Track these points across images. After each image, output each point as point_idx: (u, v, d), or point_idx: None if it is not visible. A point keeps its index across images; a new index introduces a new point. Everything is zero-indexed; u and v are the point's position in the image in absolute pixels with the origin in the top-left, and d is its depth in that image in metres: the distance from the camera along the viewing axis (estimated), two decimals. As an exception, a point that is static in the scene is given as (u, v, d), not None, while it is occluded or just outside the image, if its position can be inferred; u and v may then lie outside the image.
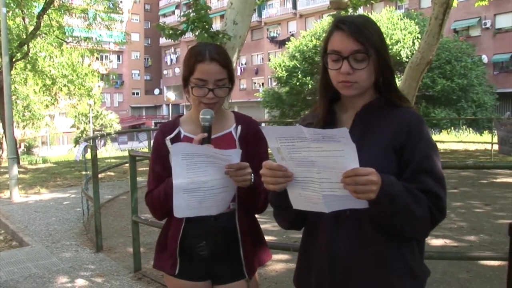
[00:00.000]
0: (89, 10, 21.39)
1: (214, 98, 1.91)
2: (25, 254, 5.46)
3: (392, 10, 32.81)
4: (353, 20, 1.54)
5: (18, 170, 9.30)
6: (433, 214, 1.44)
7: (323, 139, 1.29)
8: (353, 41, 1.50)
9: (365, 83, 1.55)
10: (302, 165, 1.36)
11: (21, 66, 19.53)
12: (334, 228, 1.54)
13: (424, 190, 1.44)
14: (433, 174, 1.47)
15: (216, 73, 1.90)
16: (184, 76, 1.95)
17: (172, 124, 2.06)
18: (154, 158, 2.04)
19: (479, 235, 5.72)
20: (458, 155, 14.12)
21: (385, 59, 1.55)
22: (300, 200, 1.43)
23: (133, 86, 64.93)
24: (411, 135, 1.50)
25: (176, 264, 2.03)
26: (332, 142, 1.28)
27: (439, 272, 4.43)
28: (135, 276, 4.59)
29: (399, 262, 1.51)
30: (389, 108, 1.57)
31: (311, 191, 1.38)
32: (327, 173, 1.33)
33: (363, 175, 1.29)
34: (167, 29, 10.17)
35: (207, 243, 1.98)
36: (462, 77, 28.69)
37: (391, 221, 1.42)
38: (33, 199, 8.79)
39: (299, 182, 1.40)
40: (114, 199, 8.56)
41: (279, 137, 1.36)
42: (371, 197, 1.32)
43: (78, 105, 27.00)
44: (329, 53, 1.54)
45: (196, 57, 1.90)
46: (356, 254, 1.51)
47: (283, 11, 49.60)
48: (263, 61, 51.05)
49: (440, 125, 25.47)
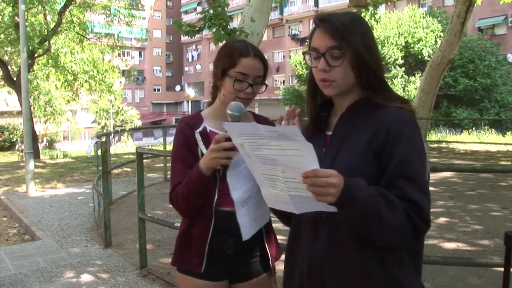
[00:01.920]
0: (111, 6, 21.60)
1: (252, 94, 1.94)
2: (36, 248, 5.51)
3: (415, 8, 32.46)
4: (332, 17, 1.50)
5: (36, 165, 9.44)
6: (414, 224, 1.33)
7: (279, 137, 1.25)
8: (329, 38, 1.47)
9: (343, 81, 1.49)
10: (267, 162, 1.32)
11: (43, 61, 19.82)
12: (313, 232, 1.49)
13: (401, 197, 1.33)
14: (412, 180, 1.36)
15: (258, 70, 1.94)
16: (223, 68, 1.93)
17: (196, 118, 2.03)
18: (181, 149, 1.97)
19: (494, 239, 5.57)
20: (478, 156, 13.85)
21: (364, 58, 1.46)
22: (271, 198, 1.40)
23: (155, 83, 65.36)
24: (389, 136, 1.40)
25: (202, 263, 1.95)
26: (289, 140, 1.23)
27: (449, 277, 4.33)
28: (140, 273, 4.59)
29: (380, 274, 1.41)
30: (375, 108, 1.48)
31: (279, 190, 1.34)
32: (291, 172, 1.27)
33: (322, 177, 1.23)
34: (185, 26, 10.21)
35: (234, 241, 1.94)
36: (485, 77, 28.19)
37: (358, 226, 1.35)
38: (49, 193, 8.89)
39: (267, 179, 1.36)
40: (128, 195, 8.58)
41: (240, 133, 1.34)
42: (330, 200, 1.26)
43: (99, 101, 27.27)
44: (310, 50, 1.52)
45: (240, 51, 1.92)
46: (331, 261, 1.45)
47: (304, 9, 49.42)
48: (284, 59, 50.95)
49: (462, 125, 25.07)
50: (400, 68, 30.15)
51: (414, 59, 30.61)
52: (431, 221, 1.40)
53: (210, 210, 1.93)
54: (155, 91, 65.52)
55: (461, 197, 8.01)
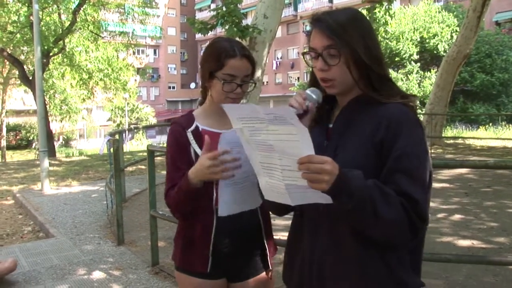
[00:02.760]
0: (125, 4, 21.71)
1: (241, 93, 1.94)
2: (49, 246, 5.55)
3: (430, 3, 32.11)
4: (328, 16, 1.50)
5: (52, 163, 9.51)
6: (411, 219, 1.30)
7: (275, 119, 1.24)
8: (324, 37, 1.46)
9: (343, 80, 1.48)
10: (264, 149, 1.31)
11: (58, 60, 20.00)
12: (314, 226, 1.48)
13: (398, 192, 1.31)
14: (410, 175, 1.34)
15: (245, 69, 1.93)
16: (211, 70, 1.93)
17: (188, 118, 2.04)
18: (173, 151, 1.99)
19: (510, 236, 5.48)
20: (495, 152, 13.66)
21: (360, 56, 1.44)
22: (267, 189, 1.38)
23: (170, 80, 65.59)
24: (389, 131, 1.39)
25: (207, 263, 1.95)
26: (286, 125, 1.23)
27: (463, 275, 4.27)
28: (152, 271, 4.60)
29: (379, 270, 1.40)
30: (375, 104, 1.47)
31: (275, 180, 1.32)
32: (287, 160, 1.26)
33: (317, 163, 1.22)
34: (197, 23, 10.21)
35: (230, 240, 1.95)
36: (503, 71, 27.83)
37: (353, 218, 1.33)
38: (63, 191, 8.97)
39: (264, 168, 1.35)
40: (141, 192, 8.60)
41: (240, 117, 1.32)
42: (324, 187, 1.23)
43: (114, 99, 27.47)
44: (308, 51, 1.52)
45: (226, 52, 1.90)
46: (332, 258, 1.44)
47: (319, 5, 49.13)
48: (298, 55, 50.74)
49: (478, 121, 24.78)
50: (415, 64, 29.88)
51: (429, 55, 30.31)
52: (429, 218, 1.38)
53: (211, 210, 1.93)
54: (170, 89, 65.74)
55: (477, 193, 7.90)
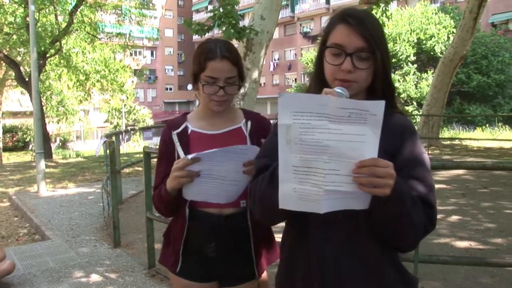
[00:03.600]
0: (122, 6, 21.68)
1: (225, 96, 1.90)
2: (45, 248, 5.51)
3: (427, 4, 32.23)
4: (360, 15, 1.43)
5: (48, 165, 9.47)
6: (426, 224, 1.37)
7: (348, 118, 1.17)
8: (359, 37, 1.39)
9: (363, 84, 1.45)
10: (310, 151, 1.21)
11: (55, 62, 19.96)
12: (324, 230, 1.42)
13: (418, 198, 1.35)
14: (425, 182, 1.39)
15: (227, 71, 1.88)
16: (194, 73, 1.92)
17: (179, 119, 2.05)
18: (160, 153, 2.04)
19: (507, 237, 5.48)
20: (491, 153, 13.67)
21: (387, 62, 1.45)
22: (292, 197, 1.27)
23: (167, 82, 65.54)
24: (405, 141, 1.41)
25: (178, 262, 2.01)
26: (357, 124, 1.17)
27: (461, 276, 4.26)
28: (148, 273, 4.57)
29: (392, 269, 1.45)
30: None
31: (311, 185, 1.23)
32: (337, 163, 1.20)
33: (383, 167, 1.19)
34: (194, 24, 10.19)
35: (216, 244, 1.95)
36: (499, 73, 27.87)
37: (394, 224, 1.33)
38: (60, 193, 8.92)
39: (298, 173, 1.24)
40: (138, 194, 8.58)
41: (295, 110, 1.20)
42: (386, 192, 1.21)
43: (111, 100, 27.48)
44: (331, 46, 1.43)
45: (207, 54, 1.87)
46: (348, 260, 1.41)
47: (316, 6, 49.21)
48: (295, 57, 50.80)
49: (475, 122, 24.82)
50: (412, 65, 29.92)
51: (426, 56, 30.35)
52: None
53: (184, 210, 1.95)
54: (167, 90, 65.69)
55: (474, 194, 7.90)
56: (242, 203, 1.94)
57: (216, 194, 1.83)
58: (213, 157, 1.74)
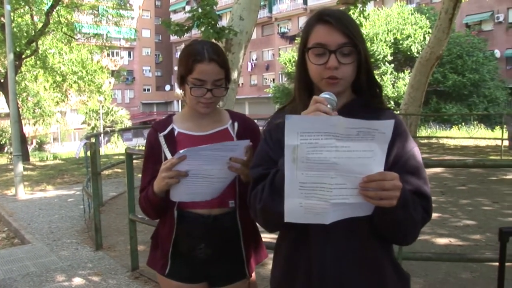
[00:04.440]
0: (99, 6, 21.45)
1: (212, 98, 1.90)
2: (25, 252, 5.43)
3: (403, 5, 32.62)
4: (336, 13, 1.47)
5: (25, 167, 9.32)
6: (423, 217, 1.42)
7: (357, 136, 1.19)
8: (340, 34, 1.42)
9: (349, 80, 1.48)
10: (317, 168, 1.23)
11: (31, 63, 19.64)
12: (322, 234, 1.44)
13: (414, 192, 1.40)
14: (419, 174, 1.44)
15: (215, 74, 1.88)
16: (181, 75, 1.92)
17: (165, 121, 2.04)
18: (147, 155, 2.03)
19: (485, 234, 5.59)
20: (468, 151, 13.92)
21: (368, 56, 1.49)
22: (298, 211, 1.28)
23: (144, 82, 65.08)
24: (396, 137, 1.43)
25: (167, 264, 2.00)
26: (365, 141, 1.19)
27: (442, 272, 4.33)
28: (132, 275, 4.55)
29: (389, 265, 1.50)
30: (369, 110, 1.50)
31: (317, 199, 1.25)
32: (344, 178, 1.23)
33: (390, 180, 1.23)
34: (173, 25, 10.15)
35: (206, 245, 1.95)
36: (473, 72, 28.37)
37: (398, 228, 1.38)
38: (38, 196, 8.80)
39: (304, 188, 1.25)
40: (119, 196, 8.52)
41: (303, 131, 1.21)
42: (393, 203, 1.25)
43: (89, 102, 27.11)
44: (313, 47, 1.46)
45: (194, 56, 1.86)
46: (347, 263, 1.44)
47: (293, 7, 49.40)
48: (273, 57, 50.91)
49: (451, 121, 25.22)
50: (389, 65, 30.26)
51: (403, 56, 30.72)
52: None
53: (172, 212, 1.95)
54: (144, 91, 65.23)
55: (452, 192, 8.04)
56: (230, 203, 1.95)
57: (202, 193, 1.84)
58: (201, 154, 1.73)
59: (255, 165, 1.55)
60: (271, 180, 1.40)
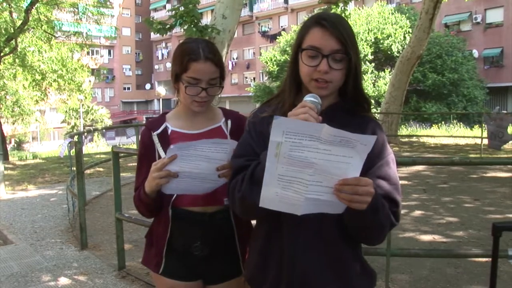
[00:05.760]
0: (79, 4, 21.20)
1: (207, 97, 1.89)
2: (9, 253, 5.36)
3: (384, 4, 32.89)
4: (334, 18, 1.51)
5: (6, 167, 9.18)
6: (392, 221, 1.48)
7: (339, 142, 1.25)
8: (334, 40, 1.47)
9: (338, 84, 1.53)
10: (297, 164, 1.29)
11: (9, 61, 19.32)
12: (294, 227, 1.51)
13: (384, 196, 1.45)
14: (391, 180, 1.50)
15: (210, 73, 1.87)
16: (176, 73, 1.91)
17: (158, 120, 2.03)
18: (140, 154, 2.02)
19: (468, 230, 5.69)
20: (448, 150, 14.13)
21: (359, 63, 1.54)
22: (273, 199, 1.35)
23: (124, 81, 64.59)
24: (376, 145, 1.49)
25: (161, 263, 1.99)
26: (346, 147, 1.25)
27: (426, 268, 4.41)
28: (119, 274, 4.52)
29: (356, 263, 1.56)
30: (350, 115, 1.56)
31: (292, 192, 1.32)
32: (321, 177, 1.29)
33: (364, 185, 1.29)
34: (156, 23, 10.11)
35: (201, 243, 1.95)
36: (452, 72, 28.73)
37: (365, 229, 1.45)
38: (20, 195, 8.68)
39: (282, 180, 1.32)
40: (102, 195, 8.46)
41: (288, 131, 1.26)
42: (363, 207, 1.31)
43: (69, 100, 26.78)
44: (307, 49, 1.50)
45: (190, 55, 1.85)
46: (316, 256, 1.51)
47: (274, 6, 49.46)
48: (254, 56, 50.93)
49: (431, 120, 25.53)
50: (370, 64, 30.48)
51: (383, 55, 30.98)
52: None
53: (167, 210, 1.95)
54: (125, 90, 64.74)
55: (434, 190, 8.16)
56: (225, 201, 1.94)
57: (194, 189, 1.84)
58: (192, 154, 1.72)
59: (236, 155, 1.60)
60: (251, 172, 1.45)
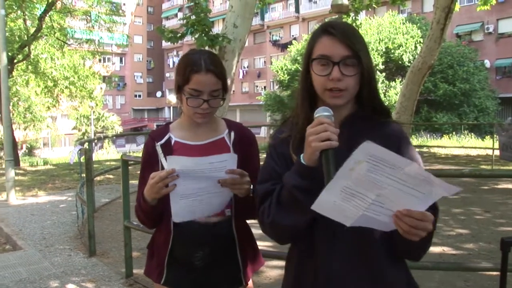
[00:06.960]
0: (92, 12, 21.43)
1: (208, 109, 1.88)
2: (18, 258, 5.39)
3: (395, 14, 32.79)
4: (341, 26, 1.50)
5: (17, 172, 9.25)
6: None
7: (421, 180, 1.21)
8: (344, 46, 1.44)
9: (353, 91, 1.49)
10: (368, 183, 1.24)
11: (22, 67, 19.57)
12: (329, 242, 1.47)
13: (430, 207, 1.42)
14: None
15: (212, 84, 1.86)
16: (178, 84, 1.91)
17: (162, 130, 2.04)
18: (144, 164, 2.02)
19: (478, 243, 5.63)
20: (459, 160, 14.02)
21: (372, 69, 1.50)
22: (328, 205, 1.29)
23: (136, 89, 64.98)
24: (400, 147, 1.49)
25: (163, 273, 1.99)
26: (424, 184, 1.21)
27: (435, 281, 4.35)
28: (126, 282, 4.52)
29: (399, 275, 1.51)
30: (372, 121, 1.53)
31: (351, 206, 1.28)
32: (386, 199, 1.26)
33: (425, 221, 1.26)
34: (167, 32, 10.16)
35: (203, 253, 1.94)
36: (464, 82, 28.60)
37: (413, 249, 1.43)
38: (30, 201, 8.74)
39: (344, 192, 1.27)
40: (111, 202, 8.48)
41: (374, 154, 1.22)
42: (416, 239, 1.29)
43: (80, 107, 27.04)
44: (317, 58, 1.47)
45: (192, 66, 1.85)
46: (355, 273, 1.45)
47: (285, 15, 49.59)
48: (265, 65, 51.04)
49: (442, 130, 25.36)
50: (381, 74, 30.42)
51: (394, 65, 30.91)
52: None
53: (169, 220, 1.93)
54: (136, 97, 65.12)
55: (445, 201, 7.99)
56: (227, 212, 1.95)
57: (202, 209, 1.83)
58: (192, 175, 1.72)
59: (262, 181, 1.55)
60: (277, 197, 1.44)
